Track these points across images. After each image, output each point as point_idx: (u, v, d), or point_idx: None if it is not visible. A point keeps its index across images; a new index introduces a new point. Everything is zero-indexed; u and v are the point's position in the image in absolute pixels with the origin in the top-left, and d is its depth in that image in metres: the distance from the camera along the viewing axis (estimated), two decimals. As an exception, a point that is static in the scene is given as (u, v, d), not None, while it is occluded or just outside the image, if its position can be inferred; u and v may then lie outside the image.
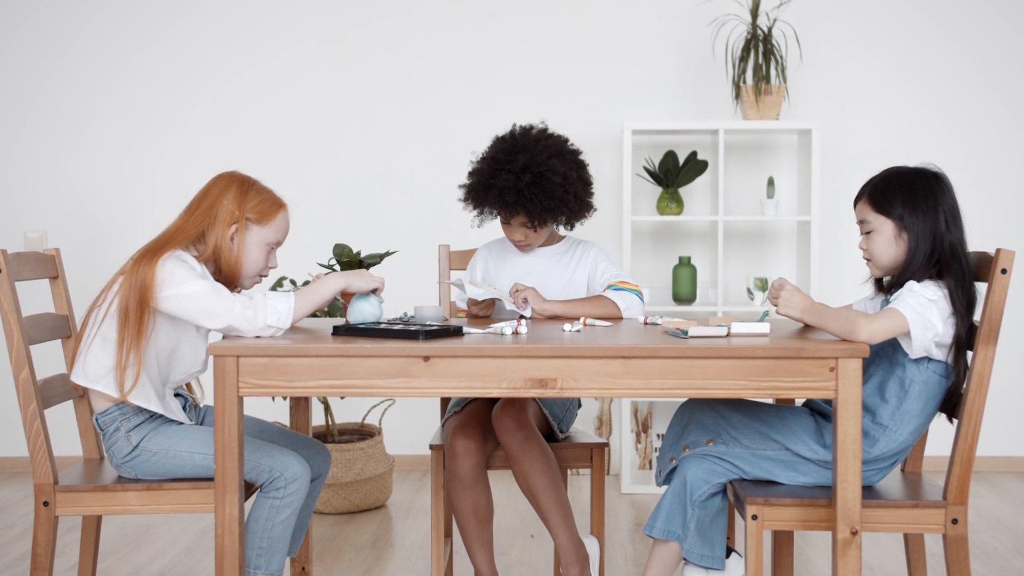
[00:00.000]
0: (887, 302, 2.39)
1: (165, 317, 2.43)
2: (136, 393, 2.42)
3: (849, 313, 2.26)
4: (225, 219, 2.47)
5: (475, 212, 2.93)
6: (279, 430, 2.69)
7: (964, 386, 2.33)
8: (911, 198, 2.36)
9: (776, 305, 2.40)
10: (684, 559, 2.43)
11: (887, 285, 2.44)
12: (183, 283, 2.35)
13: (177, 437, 2.45)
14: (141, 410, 2.47)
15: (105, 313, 2.44)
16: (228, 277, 2.51)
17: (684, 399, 2.71)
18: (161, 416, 2.50)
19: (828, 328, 2.29)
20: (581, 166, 2.92)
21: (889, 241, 2.38)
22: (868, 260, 2.45)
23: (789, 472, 2.42)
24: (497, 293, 2.77)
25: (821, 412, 2.48)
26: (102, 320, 2.44)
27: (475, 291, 2.76)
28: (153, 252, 2.41)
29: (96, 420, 2.49)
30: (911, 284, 2.30)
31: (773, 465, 2.42)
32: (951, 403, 2.37)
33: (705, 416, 2.51)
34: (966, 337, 2.32)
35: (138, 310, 2.37)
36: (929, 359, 2.33)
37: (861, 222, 2.44)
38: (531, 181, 2.79)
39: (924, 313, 2.26)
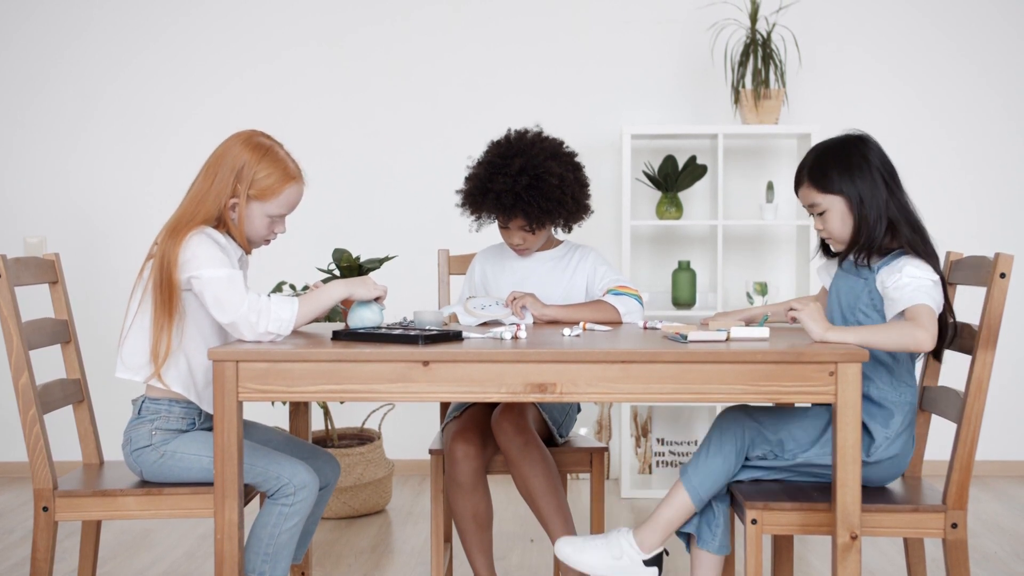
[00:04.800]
0: (855, 267, 2.43)
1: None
2: (172, 375, 2.42)
3: (899, 329, 2.26)
4: (229, 192, 2.46)
5: (473, 217, 2.94)
6: (288, 439, 2.69)
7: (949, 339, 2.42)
8: (847, 168, 2.40)
9: (796, 310, 2.35)
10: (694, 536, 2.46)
11: (855, 261, 2.44)
12: (203, 266, 2.36)
13: (186, 439, 2.45)
14: (184, 420, 2.47)
15: (140, 300, 2.44)
16: (239, 241, 2.51)
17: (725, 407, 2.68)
18: (193, 431, 2.49)
19: (875, 346, 2.25)
20: (577, 167, 2.92)
21: (844, 216, 2.42)
22: (827, 239, 2.49)
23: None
24: (493, 309, 2.76)
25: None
26: (137, 308, 2.44)
27: (470, 320, 2.74)
28: (177, 230, 2.41)
29: (140, 401, 2.47)
30: (908, 269, 2.32)
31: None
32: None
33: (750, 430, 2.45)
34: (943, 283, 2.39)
35: (167, 289, 2.38)
36: None
37: (810, 206, 2.47)
38: (528, 184, 2.80)
39: (937, 297, 2.32)
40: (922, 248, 2.37)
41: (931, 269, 2.34)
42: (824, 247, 2.57)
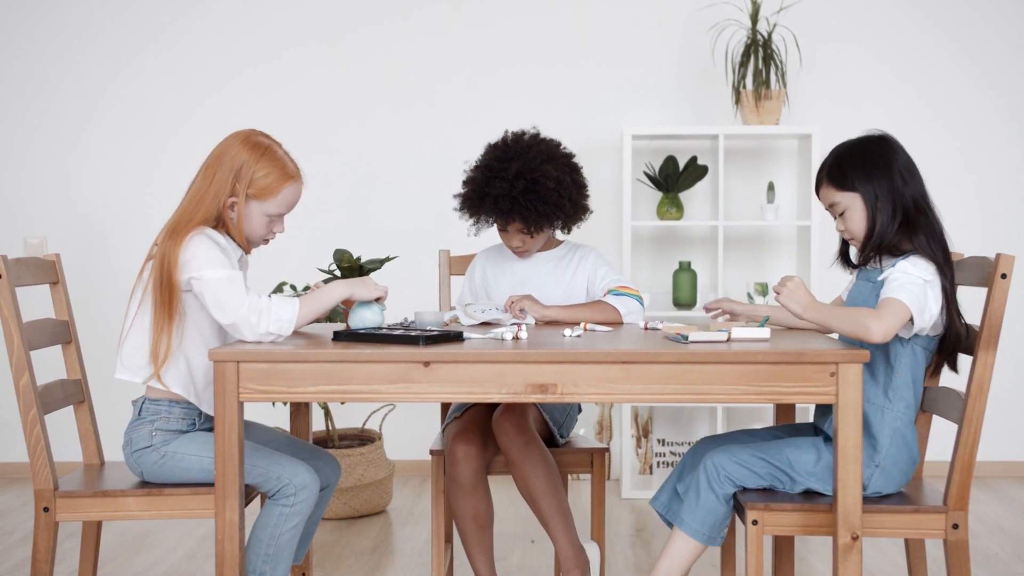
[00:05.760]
0: (869, 272, 2.41)
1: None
2: (171, 376, 2.42)
3: (856, 313, 2.25)
4: (228, 191, 2.46)
5: (471, 221, 2.94)
6: (288, 439, 2.68)
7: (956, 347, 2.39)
8: (865, 167, 2.40)
9: (778, 294, 2.38)
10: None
11: (861, 258, 2.45)
12: (203, 267, 2.36)
13: (187, 440, 2.45)
14: (184, 421, 2.47)
15: (140, 301, 2.44)
16: (238, 241, 2.51)
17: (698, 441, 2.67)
18: (193, 431, 2.48)
19: (835, 329, 2.30)
20: (575, 169, 2.92)
21: (863, 213, 2.41)
22: (849, 239, 2.48)
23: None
24: (493, 314, 2.76)
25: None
26: (137, 308, 2.44)
27: (470, 322, 2.74)
28: (178, 230, 2.41)
29: (141, 402, 2.47)
30: (902, 265, 2.32)
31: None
32: (949, 355, 2.41)
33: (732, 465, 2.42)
34: (951, 288, 2.35)
35: (167, 289, 2.38)
36: (916, 334, 2.35)
37: (831, 206, 2.46)
38: (525, 188, 2.80)
39: (922, 297, 2.28)
40: (930, 251, 2.34)
41: (930, 270, 2.32)
42: (843, 256, 2.55)
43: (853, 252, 2.53)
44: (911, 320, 2.28)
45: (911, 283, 2.28)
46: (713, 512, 2.37)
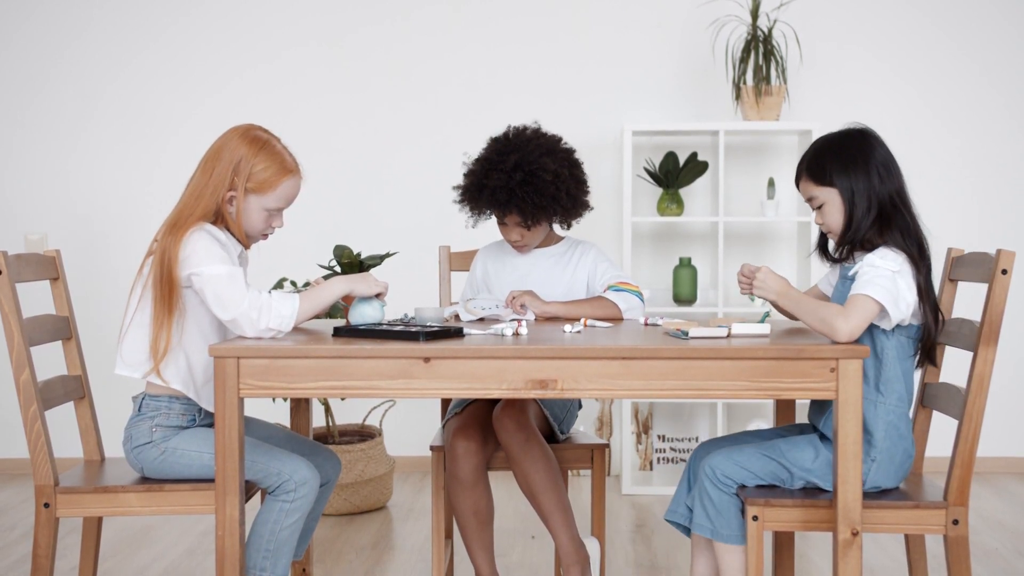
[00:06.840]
0: (846, 269, 2.41)
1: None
2: (171, 372, 2.42)
3: (824, 311, 2.25)
4: (226, 186, 2.46)
5: (470, 213, 2.94)
6: (289, 435, 2.68)
7: (937, 335, 2.38)
8: (842, 161, 2.39)
9: (750, 291, 2.41)
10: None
11: (836, 251, 2.45)
12: (203, 263, 2.36)
13: (187, 436, 2.45)
14: (185, 417, 2.47)
15: (140, 297, 2.44)
16: (237, 236, 2.51)
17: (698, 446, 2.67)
18: (193, 427, 2.49)
19: (804, 322, 2.31)
20: (574, 164, 2.93)
21: (840, 208, 2.41)
22: (827, 232, 2.48)
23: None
24: (494, 311, 2.76)
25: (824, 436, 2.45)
26: (137, 304, 2.44)
27: (470, 318, 2.75)
28: (178, 226, 2.41)
29: (141, 398, 2.48)
30: (869, 258, 2.31)
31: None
32: (928, 349, 2.39)
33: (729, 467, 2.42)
34: (927, 283, 2.34)
35: (167, 285, 2.38)
36: (898, 325, 2.34)
37: (810, 199, 2.46)
38: (522, 180, 2.80)
39: (892, 288, 2.27)
40: (904, 245, 2.33)
41: (898, 260, 2.30)
42: (822, 248, 2.56)
43: (831, 245, 2.53)
44: (886, 312, 2.27)
45: (879, 276, 2.27)
46: (736, 512, 2.38)
